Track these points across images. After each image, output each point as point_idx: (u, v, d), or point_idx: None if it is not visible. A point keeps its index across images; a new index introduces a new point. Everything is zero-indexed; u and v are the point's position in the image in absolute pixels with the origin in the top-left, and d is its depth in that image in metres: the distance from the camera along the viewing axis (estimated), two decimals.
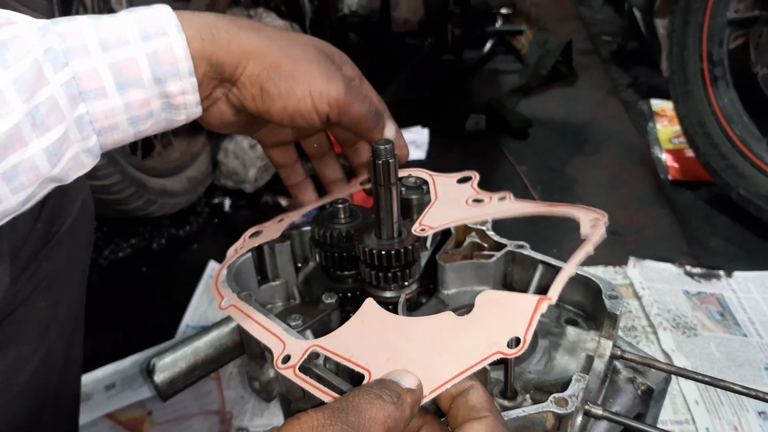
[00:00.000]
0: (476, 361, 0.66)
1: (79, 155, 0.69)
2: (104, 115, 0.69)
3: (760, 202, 2.20)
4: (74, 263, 1.11)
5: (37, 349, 1.03)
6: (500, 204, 0.90)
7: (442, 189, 0.97)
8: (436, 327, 0.73)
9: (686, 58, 2.45)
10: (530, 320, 0.68)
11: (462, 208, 0.92)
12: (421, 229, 0.89)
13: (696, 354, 1.76)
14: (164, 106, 0.74)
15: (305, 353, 0.75)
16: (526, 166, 2.89)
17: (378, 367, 0.69)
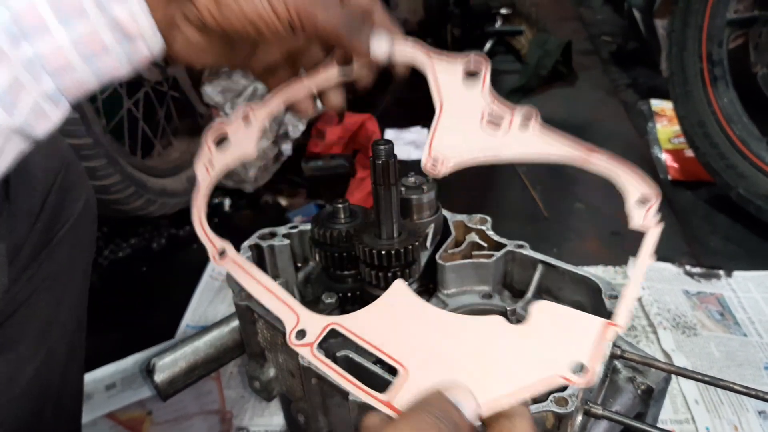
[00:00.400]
0: (535, 383, 0.61)
1: (38, 103, 0.65)
2: (53, 54, 0.64)
3: (760, 201, 2.20)
4: (76, 263, 1.11)
5: (38, 350, 1.02)
6: (523, 134, 0.74)
7: (447, 87, 0.79)
8: (483, 331, 0.66)
9: (686, 59, 2.45)
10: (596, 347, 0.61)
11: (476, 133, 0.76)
12: (433, 163, 0.78)
13: (696, 353, 1.76)
14: (118, 39, 0.67)
15: (324, 330, 0.70)
16: (525, 167, 2.89)
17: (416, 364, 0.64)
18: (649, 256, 0.66)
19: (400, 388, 0.63)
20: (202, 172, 0.82)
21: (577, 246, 2.30)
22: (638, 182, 0.69)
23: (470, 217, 1.02)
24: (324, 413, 0.85)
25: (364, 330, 0.68)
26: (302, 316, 0.71)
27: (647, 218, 0.67)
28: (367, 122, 2.85)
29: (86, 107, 1.83)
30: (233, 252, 0.79)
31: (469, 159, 0.76)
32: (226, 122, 0.84)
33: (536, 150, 0.73)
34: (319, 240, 0.97)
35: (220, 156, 0.83)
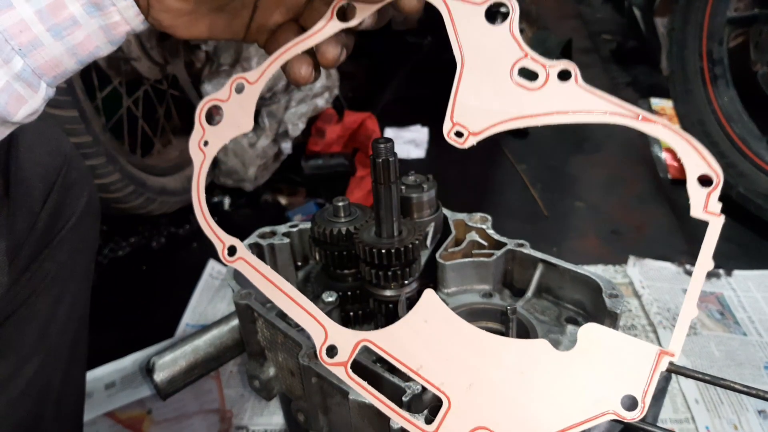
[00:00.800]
0: (584, 419, 0.57)
1: (10, 85, 0.62)
2: (18, 29, 0.60)
3: (760, 200, 2.20)
4: (78, 262, 1.10)
5: (38, 350, 1.02)
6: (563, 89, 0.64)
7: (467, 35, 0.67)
8: (528, 356, 0.62)
9: (686, 57, 2.45)
10: (650, 379, 0.58)
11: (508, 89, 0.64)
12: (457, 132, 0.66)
13: (696, 353, 1.76)
14: (87, 8, 0.63)
15: (356, 348, 0.66)
16: (525, 165, 2.88)
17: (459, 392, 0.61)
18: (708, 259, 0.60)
19: (444, 419, 0.61)
20: (196, 154, 0.74)
21: (577, 245, 2.30)
22: (699, 158, 0.60)
23: (470, 216, 1.02)
24: (324, 412, 0.85)
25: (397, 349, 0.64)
26: (330, 330, 0.67)
27: (709, 205, 0.59)
28: (367, 120, 2.85)
29: (86, 105, 1.83)
30: (243, 250, 0.73)
31: (500, 122, 0.64)
32: (218, 95, 0.75)
33: (581, 106, 0.63)
34: (319, 239, 0.97)
35: (215, 133, 0.74)
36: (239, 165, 2.60)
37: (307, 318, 0.68)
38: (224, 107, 0.74)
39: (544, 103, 0.64)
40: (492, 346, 0.63)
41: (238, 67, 2.49)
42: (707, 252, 0.60)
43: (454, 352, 0.63)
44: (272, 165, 2.74)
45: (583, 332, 0.61)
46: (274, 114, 2.64)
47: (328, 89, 2.87)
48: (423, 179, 1.03)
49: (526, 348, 0.62)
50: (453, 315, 0.66)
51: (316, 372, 0.78)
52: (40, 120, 0.70)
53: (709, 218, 0.59)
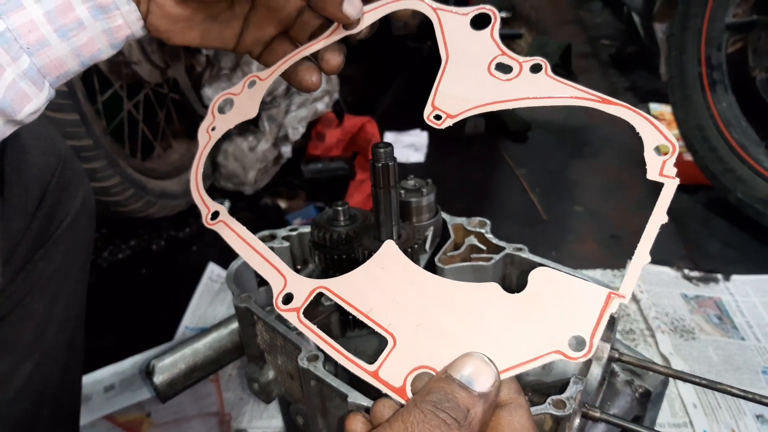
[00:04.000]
0: (532, 357, 0.57)
1: (16, 82, 0.64)
2: (27, 29, 0.63)
3: (758, 205, 2.20)
4: (74, 262, 1.10)
5: (34, 350, 1.01)
6: (534, 80, 0.71)
7: (453, 38, 0.76)
8: (478, 299, 0.63)
9: (685, 62, 2.46)
10: (598, 320, 0.58)
11: (484, 80, 0.73)
12: (436, 115, 0.73)
13: (694, 357, 1.76)
14: (93, 12, 0.66)
15: (311, 294, 0.68)
16: (525, 169, 2.89)
17: (405, 332, 0.62)
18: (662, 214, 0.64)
19: (387, 359, 0.61)
20: (203, 136, 0.82)
21: (576, 249, 2.31)
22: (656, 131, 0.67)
23: (469, 220, 1.03)
24: (323, 415, 0.85)
25: (352, 294, 0.66)
26: (290, 279, 0.70)
27: (665, 169, 0.66)
28: (367, 125, 2.86)
29: (87, 109, 1.84)
30: (226, 215, 0.77)
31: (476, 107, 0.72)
32: (232, 90, 0.84)
33: (548, 92, 0.70)
34: (318, 242, 0.98)
35: (222, 119, 0.83)
36: (239, 168, 2.61)
37: (269, 269, 0.71)
38: (236, 99, 0.83)
39: (517, 90, 0.71)
40: (444, 290, 0.64)
41: (238, 71, 2.50)
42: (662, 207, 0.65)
43: (406, 296, 0.64)
44: (272, 169, 2.75)
45: (534, 275, 0.62)
46: (274, 118, 2.65)
47: (328, 93, 2.88)
48: (422, 183, 1.03)
49: (476, 290, 0.63)
50: (410, 263, 0.67)
51: (315, 375, 0.78)
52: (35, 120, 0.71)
53: (664, 180, 0.66)
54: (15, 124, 0.67)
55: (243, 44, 0.82)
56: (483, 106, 0.71)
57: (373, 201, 0.88)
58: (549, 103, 0.69)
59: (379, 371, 0.61)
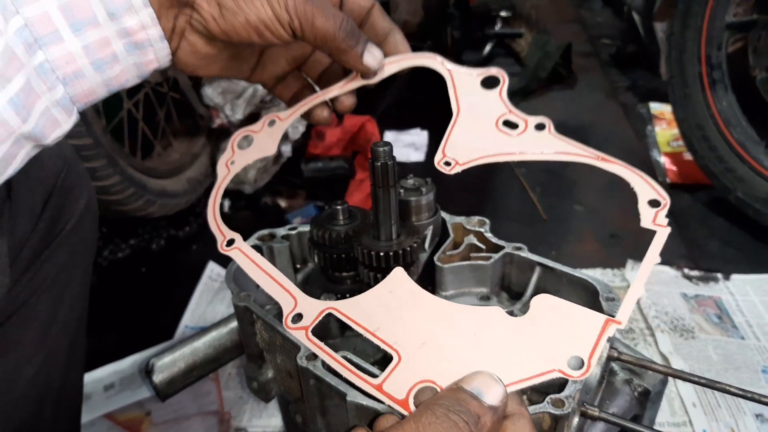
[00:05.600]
0: (532, 375, 0.60)
1: (49, 110, 0.67)
2: (65, 61, 0.66)
3: (758, 205, 2.20)
4: (77, 263, 1.11)
5: (38, 351, 1.02)
6: (538, 136, 0.78)
7: (464, 95, 0.83)
8: (481, 321, 0.66)
9: (685, 62, 2.45)
10: (595, 343, 0.61)
11: (492, 135, 0.79)
12: (446, 162, 0.79)
13: (693, 356, 1.76)
14: (128, 47, 0.70)
15: (320, 315, 0.70)
16: (524, 168, 2.89)
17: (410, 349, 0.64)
18: (655, 256, 0.67)
19: (391, 373, 0.63)
20: (222, 169, 0.87)
21: (576, 248, 2.31)
22: (648, 186, 0.73)
23: (469, 219, 1.03)
24: (322, 414, 0.85)
25: (360, 315, 0.68)
26: (300, 300, 0.72)
27: (657, 218, 0.69)
28: (367, 124, 2.86)
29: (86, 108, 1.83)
30: (241, 242, 0.81)
31: (483, 156, 0.78)
32: (252, 127, 0.90)
33: (551, 149, 0.76)
34: (318, 241, 0.98)
35: (242, 155, 0.88)
36: None
37: (281, 291, 0.74)
38: (255, 137, 0.90)
39: (522, 145, 0.78)
40: (448, 312, 0.67)
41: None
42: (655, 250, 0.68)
43: (411, 316, 0.67)
44: (272, 168, 2.75)
45: (535, 301, 0.66)
46: None
47: None
48: (422, 182, 1.03)
49: (480, 313, 0.66)
50: (417, 288, 0.71)
51: (314, 374, 0.78)
52: None
53: (657, 228, 0.69)
54: (41, 147, 0.70)
55: (258, 77, 0.90)
56: (490, 156, 0.78)
57: (373, 200, 0.88)
58: (551, 159, 0.76)
59: (383, 384, 0.63)
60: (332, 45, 0.78)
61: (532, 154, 0.77)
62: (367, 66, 0.82)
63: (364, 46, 0.81)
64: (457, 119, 0.81)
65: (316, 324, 0.70)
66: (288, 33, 0.76)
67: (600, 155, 0.75)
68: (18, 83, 0.63)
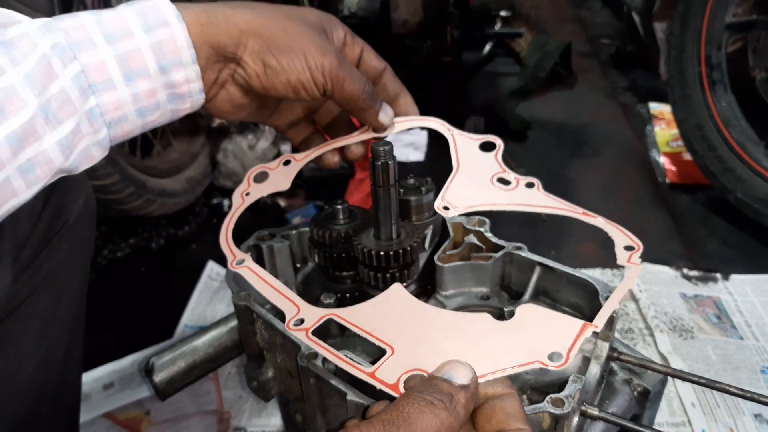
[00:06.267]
0: (515, 364, 0.66)
1: (89, 148, 0.71)
2: (113, 107, 0.71)
3: (757, 205, 2.20)
4: (76, 261, 1.11)
5: (38, 348, 1.03)
6: (528, 192, 0.89)
7: (464, 154, 0.95)
8: (471, 324, 0.72)
9: (684, 62, 2.46)
10: (574, 341, 0.68)
11: (487, 188, 0.90)
12: (445, 206, 0.88)
13: (693, 356, 1.76)
14: (170, 97, 0.76)
15: (321, 319, 0.76)
16: (524, 168, 2.89)
17: (403, 344, 0.69)
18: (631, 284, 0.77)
19: (384, 363, 0.69)
20: (237, 199, 0.95)
21: (575, 248, 2.31)
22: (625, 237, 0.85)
23: (469, 219, 1.03)
24: (322, 413, 0.85)
25: (359, 320, 0.74)
26: (303, 307, 0.78)
27: (632, 258, 0.80)
28: None
29: None
30: (250, 261, 0.87)
31: (478, 205, 0.88)
32: (269, 165, 0.99)
33: (539, 203, 0.87)
34: (318, 241, 0.98)
35: (257, 188, 0.97)
36: (239, 167, 2.61)
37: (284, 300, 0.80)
38: (271, 174, 0.99)
39: (513, 198, 0.89)
40: (439, 316, 0.74)
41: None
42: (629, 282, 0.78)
43: (407, 321, 0.74)
44: None
45: (521, 309, 0.73)
46: None
47: None
48: (422, 182, 1.03)
49: (469, 318, 0.74)
50: (413, 299, 0.77)
51: (314, 373, 0.78)
52: None
53: (630, 266, 0.79)
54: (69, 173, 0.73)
55: (274, 121, 0.98)
56: (485, 205, 0.88)
57: (373, 199, 0.88)
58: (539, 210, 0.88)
59: (376, 372, 0.68)
60: (356, 105, 0.87)
61: (522, 206, 0.87)
62: (381, 123, 0.92)
63: (380, 106, 0.91)
64: (456, 173, 0.92)
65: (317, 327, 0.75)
66: (320, 93, 0.84)
67: (582, 210, 0.87)
68: (69, 126, 0.67)
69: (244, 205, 0.94)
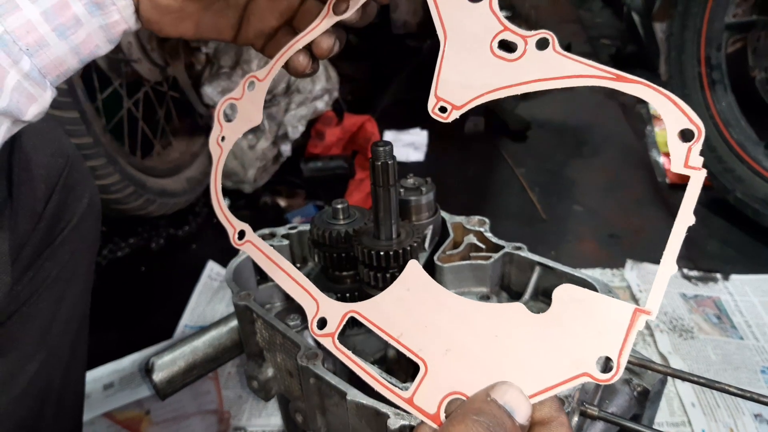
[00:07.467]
0: (560, 381, 0.57)
1: (21, 84, 0.64)
2: (25, 30, 0.62)
3: (757, 205, 2.21)
4: (79, 262, 1.10)
5: (40, 349, 1.02)
6: (542, 58, 0.64)
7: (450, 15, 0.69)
8: (503, 320, 0.62)
9: (684, 62, 2.46)
10: (625, 339, 0.56)
11: (488, 63, 0.66)
12: (441, 107, 0.69)
13: (692, 356, 1.76)
14: (90, 8, 0.66)
15: (343, 319, 0.70)
16: (524, 168, 2.89)
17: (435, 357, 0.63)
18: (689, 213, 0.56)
19: (420, 385, 0.62)
20: (215, 148, 0.82)
21: (575, 248, 2.31)
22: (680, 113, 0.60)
23: (469, 219, 1.03)
24: (322, 413, 0.85)
25: (381, 318, 0.67)
26: (322, 303, 0.72)
27: (690, 159, 0.57)
28: (367, 123, 2.86)
29: (86, 107, 1.84)
30: (252, 234, 0.78)
31: (482, 95, 0.67)
32: (233, 94, 0.83)
33: (559, 72, 0.64)
34: (318, 241, 0.98)
35: (231, 128, 0.83)
36: (239, 167, 2.61)
37: (302, 293, 0.73)
38: (238, 104, 0.82)
39: (524, 72, 0.65)
40: (468, 311, 0.64)
41: (238, 69, 2.50)
42: (689, 206, 0.57)
43: (433, 318, 0.65)
44: (272, 167, 2.75)
45: (557, 293, 0.60)
46: (274, 116, 2.65)
47: (327, 92, 2.88)
48: (422, 182, 1.03)
49: (501, 311, 0.63)
50: (433, 283, 0.68)
51: (314, 373, 0.78)
52: (42, 121, 0.71)
53: (690, 172, 0.57)
54: (21, 123, 0.67)
55: (244, 36, 0.81)
56: (489, 93, 0.66)
57: (373, 199, 0.88)
58: (559, 84, 0.63)
59: (414, 398, 0.62)
60: None
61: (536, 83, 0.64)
62: None
63: None
64: (445, 49, 0.68)
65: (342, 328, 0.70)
66: None
67: (617, 73, 0.61)
68: None
69: (224, 153, 0.82)
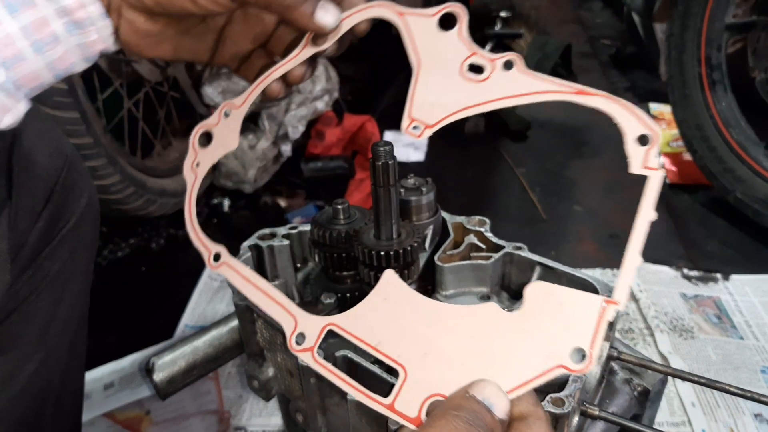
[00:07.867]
0: (535, 375, 0.59)
1: None
2: (3, 44, 0.64)
3: (757, 205, 2.21)
4: (78, 262, 1.10)
5: (39, 348, 1.02)
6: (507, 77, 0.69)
7: (422, 42, 0.73)
8: (478, 320, 0.64)
9: (684, 62, 2.46)
10: (596, 330, 0.58)
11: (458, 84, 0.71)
12: (414, 127, 0.72)
13: (693, 356, 1.76)
14: (69, 27, 0.68)
15: (321, 333, 0.70)
16: (524, 169, 2.89)
17: (414, 362, 0.64)
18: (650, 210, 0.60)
19: (401, 391, 0.63)
20: (189, 175, 0.82)
21: (575, 248, 2.31)
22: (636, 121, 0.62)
23: (469, 219, 1.03)
24: (322, 413, 0.85)
25: (359, 329, 0.68)
26: (299, 318, 0.71)
27: (648, 160, 0.61)
28: (367, 123, 2.86)
29: (87, 107, 1.84)
30: (227, 256, 0.78)
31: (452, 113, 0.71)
32: (208, 121, 0.83)
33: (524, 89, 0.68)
34: (318, 241, 0.98)
35: (205, 154, 0.83)
36: (239, 167, 2.61)
37: (280, 310, 0.72)
38: (214, 131, 0.83)
39: (492, 91, 0.69)
40: (445, 315, 0.66)
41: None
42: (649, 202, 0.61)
43: (410, 324, 0.66)
44: (272, 167, 2.75)
45: (528, 291, 0.62)
46: (274, 117, 2.65)
47: (327, 92, 2.88)
48: (422, 182, 1.03)
49: (475, 312, 0.64)
50: (410, 291, 0.69)
51: (314, 372, 0.78)
52: (41, 122, 0.72)
53: (648, 173, 0.62)
54: None
55: (220, 58, 0.84)
56: (460, 111, 0.71)
57: (373, 199, 0.88)
58: (524, 101, 0.68)
59: (395, 403, 0.63)
60: (277, 4, 0.70)
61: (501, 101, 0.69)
62: (320, 24, 0.72)
63: (315, 2, 0.72)
64: (418, 74, 0.73)
65: None
66: None
67: (577, 88, 0.65)
68: None
69: (198, 179, 0.82)
